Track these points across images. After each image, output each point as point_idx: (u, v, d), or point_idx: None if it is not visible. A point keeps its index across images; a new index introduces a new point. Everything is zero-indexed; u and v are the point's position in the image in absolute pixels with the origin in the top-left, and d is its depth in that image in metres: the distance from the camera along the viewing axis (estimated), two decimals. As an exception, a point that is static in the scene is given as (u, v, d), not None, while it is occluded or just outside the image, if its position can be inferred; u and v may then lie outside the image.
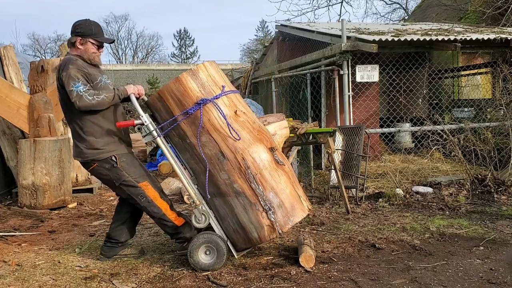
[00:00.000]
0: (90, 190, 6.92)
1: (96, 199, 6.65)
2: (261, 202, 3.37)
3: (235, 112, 3.48)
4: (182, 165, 3.64)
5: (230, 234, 3.52)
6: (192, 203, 3.61)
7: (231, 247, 3.56)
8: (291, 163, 6.04)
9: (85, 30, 3.60)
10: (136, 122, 3.54)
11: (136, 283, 3.36)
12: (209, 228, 3.60)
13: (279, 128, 3.98)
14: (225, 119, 3.39)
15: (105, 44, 3.86)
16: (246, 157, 3.38)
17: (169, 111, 3.46)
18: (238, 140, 3.38)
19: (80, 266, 3.74)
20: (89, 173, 7.02)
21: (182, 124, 3.43)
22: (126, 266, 3.73)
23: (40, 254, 4.09)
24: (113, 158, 3.56)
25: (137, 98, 3.67)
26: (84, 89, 3.43)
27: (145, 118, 3.53)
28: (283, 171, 3.51)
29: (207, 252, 3.54)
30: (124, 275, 3.51)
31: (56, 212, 5.85)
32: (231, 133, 3.37)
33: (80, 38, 3.60)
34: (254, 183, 3.37)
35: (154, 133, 3.52)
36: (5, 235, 4.74)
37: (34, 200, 5.84)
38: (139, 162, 3.79)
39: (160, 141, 3.55)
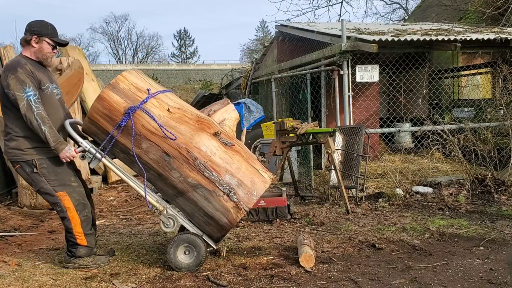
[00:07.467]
0: (90, 190, 6.90)
1: (96, 199, 6.65)
2: (220, 187, 3.39)
3: (168, 110, 3.48)
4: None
5: (204, 227, 3.55)
6: (155, 210, 3.62)
7: (208, 240, 3.57)
8: (292, 162, 6.06)
9: (42, 29, 3.57)
10: (77, 149, 3.55)
11: (136, 283, 3.36)
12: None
13: (227, 112, 4.00)
14: (155, 121, 3.39)
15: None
16: (190, 150, 3.39)
17: (104, 130, 3.46)
18: (174, 139, 3.38)
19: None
20: (88, 173, 7.04)
21: (120, 138, 3.44)
22: (126, 266, 3.73)
23: (40, 254, 4.09)
24: (33, 162, 3.50)
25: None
26: (34, 98, 3.39)
27: (85, 143, 3.55)
28: (234, 151, 3.53)
29: (186, 252, 3.56)
30: (124, 275, 3.51)
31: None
32: (164, 133, 3.37)
33: (36, 36, 3.56)
34: (206, 171, 3.39)
35: (98, 155, 3.53)
36: (5, 235, 4.74)
37: (34, 200, 5.84)
38: (69, 167, 3.65)
39: (107, 161, 3.57)
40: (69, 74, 6.25)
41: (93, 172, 7.35)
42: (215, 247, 3.63)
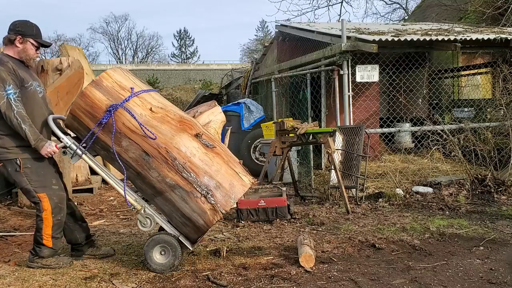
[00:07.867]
0: (90, 190, 6.92)
1: (96, 199, 6.65)
2: (198, 189, 3.39)
3: (151, 109, 3.48)
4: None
5: (181, 228, 3.55)
6: (133, 209, 3.62)
7: (184, 241, 3.57)
8: (291, 162, 6.06)
9: (27, 30, 3.58)
10: (58, 145, 3.55)
11: (136, 283, 3.36)
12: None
13: (213, 114, 4.00)
14: (136, 119, 3.39)
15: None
16: (170, 150, 3.39)
17: (86, 127, 3.48)
18: (154, 139, 3.38)
19: (80, 266, 3.74)
20: (89, 173, 7.04)
21: (100, 135, 3.45)
22: (126, 266, 3.73)
23: (40, 254, 4.09)
24: (18, 162, 3.51)
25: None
26: (14, 96, 3.39)
27: (66, 139, 3.56)
28: (214, 153, 3.53)
29: (162, 252, 3.57)
30: (124, 275, 3.52)
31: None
32: (144, 132, 3.38)
33: (21, 36, 3.56)
34: (185, 172, 3.39)
35: (78, 151, 3.54)
36: (5, 235, 4.74)
37: (34, 200, 5.83)
38: (52, 169, 3.68)
39: (87, 158, 3.59)
40: (69, 74, 6.25)
41: (93, 172, 7.35)
42: (191, 249, 3.63)
